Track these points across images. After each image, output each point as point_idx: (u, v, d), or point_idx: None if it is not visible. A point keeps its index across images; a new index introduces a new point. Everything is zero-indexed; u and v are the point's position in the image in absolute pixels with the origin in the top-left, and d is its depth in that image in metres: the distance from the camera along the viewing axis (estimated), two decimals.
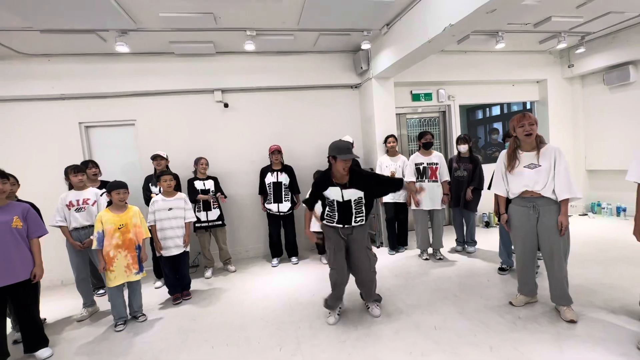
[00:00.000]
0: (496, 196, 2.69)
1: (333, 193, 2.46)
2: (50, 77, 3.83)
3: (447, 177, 3.77)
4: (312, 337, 2.41)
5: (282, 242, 4.26)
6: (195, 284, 3.65)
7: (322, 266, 3.95)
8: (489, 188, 3.42)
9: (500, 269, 3.30)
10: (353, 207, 2.46)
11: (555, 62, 5.47)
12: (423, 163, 3.79)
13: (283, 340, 2.40)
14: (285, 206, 4.05)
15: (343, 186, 2.44)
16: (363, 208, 2.51)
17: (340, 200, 2.45)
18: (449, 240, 4.22)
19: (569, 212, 2.34)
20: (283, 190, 4.04)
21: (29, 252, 2.43)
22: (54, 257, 3.06)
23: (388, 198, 4.16)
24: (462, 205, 3.88)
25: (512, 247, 3.34)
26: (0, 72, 3.72)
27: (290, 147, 4.48)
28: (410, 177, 3.85)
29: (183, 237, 3.22)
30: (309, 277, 3.66)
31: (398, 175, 4.14)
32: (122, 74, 4.01)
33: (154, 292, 3.53)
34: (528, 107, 5.96)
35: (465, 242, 4.06)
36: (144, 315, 2.96)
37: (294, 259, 4.18)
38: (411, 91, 5.12)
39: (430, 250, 3.99)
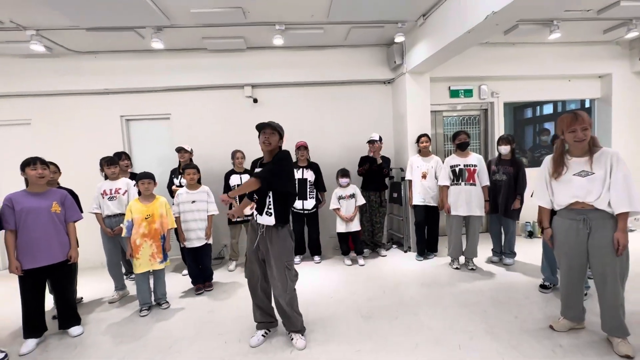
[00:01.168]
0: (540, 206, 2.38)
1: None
2: (96, 73, 4.10)
3: (487, 182, 3.44)
4: (325, 342, 2.31)
5: (305, 240, 4.20)
6: (218, 276, 3.72)
7: (345, 267, 3.83)
8: (532, 195, 3.07)
9: (542, 287, 2.94)
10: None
11: (623, 54, 4.78)
12: (459, 165, 3.50)
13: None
14: (309, 204, 3.98)
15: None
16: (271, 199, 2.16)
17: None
18: (484, 249, 3.87)
19: (630, 227, 1.99)
20: (308, 187, 3.97)
21: (66, 235, 2.60)
22: (98, 240, 3.26)
23: (418, 200, 3.93)
24: (501, 212, 3.53)
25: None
26: (54, 68, 4.05)
27: (317, 144, 4.39)
28: (444, 180, 3.59)
29: (205, 230, 3.29)
30: (330, 277, 3.57)
31: (430, 177, 3.88)
32: (158, 70, 4.18)
33: (180, 281, 3.65)
34: (587, 105, 5.30)
35: (503, 252, 3.70)
36: (167, 302, 3.06)
37: (316, 258, 4.11)
38: (449, 87, 4.77)
39: (462, 259, 3.69)
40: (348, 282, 3.38)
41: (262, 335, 2.37)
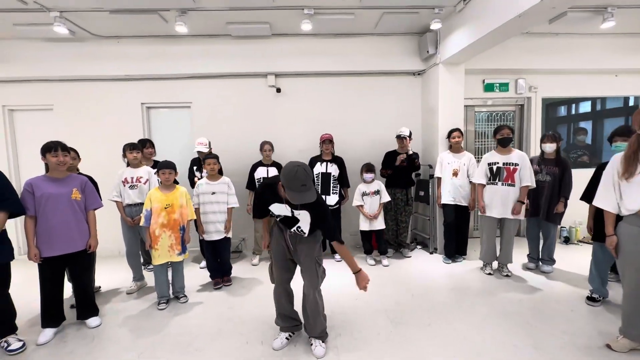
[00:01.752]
0: (593, 209, 2.13)
1: (278, 209, 2.01)
2: (118, 59, 4.01)
3: (528, 182, 3.12)
4: (353, 349, 2.15)
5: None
6: (238, 270, 3.60)
7: (368, 267, 3.64)
8: (581, 198, 2.80)
9: (590, 299, 2.68)
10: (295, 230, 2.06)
11: None
12: (498, 163, 3.24)
13: None
14: (332, 199, 3.80)
15: (290, 205, 1.98)
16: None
17: (290, 215, 2.01)
18: (519, 254, 3.60)
19: None
20: (332, 182, 3.79)
21: (86, 223, 2.51)
22: (117, 229, 3.19)
23: (448, 199, 3.70)
24: (542, 216, 3.26)
25: (608, 273, 2.73)
26: (76, 52, 3.98)
27: (341, 137, 4.18)
28: (480, 178, 3.34)
29: (224, 223, 3.16)
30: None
31: (462, 175, 3.63)
32: (181, 56, 4.06)
33: (197, 274, 3.55)
34: (631, 103, 4.90)
35: (541, 259, 3.43)
36: (185, 296, 2.96)
37: (337, 256, 3.92)
38: (483, 80, 4.48)
39: (494, 264, 3.45)
40: (373, 283, 3.14)
41: (286, 338, 2.23)
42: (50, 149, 2.35)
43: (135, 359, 2.11)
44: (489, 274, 3.34)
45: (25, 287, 2.82)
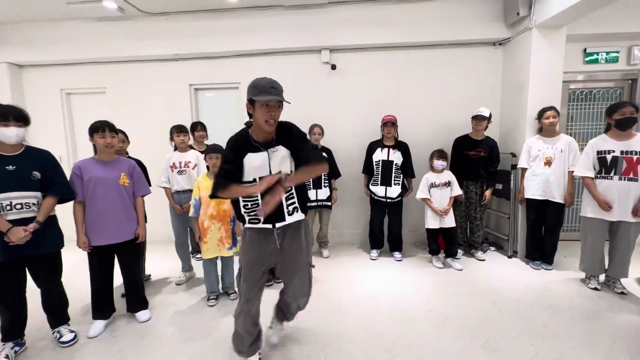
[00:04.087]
0: None
1: (256, 163, 1.57)
2: (166, 37, 3.81)
3: None
4: None
5: (384, 233, 3.59)
6: None
7: (435, 271, 3.15)
8: None
9: None
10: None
11: None
12: (613, 151, 2.54)
13: None
14: (394, 191, 3.33)
15: (268, 146, 1.58)
16: (293, 189, 1.64)
17: (267, 173, 1.56)
18: (635, 268, 2.86)
19: None
20: (394, 171, 3.31)
21: (134, 211, 2.33)
22: (164, 216, 3.05)
23: (536, 193, 3.06)
24: None
25: None
26: (125, 31, 3.84)
27: (403, 120, 3.62)
28: (586, 170, 2.66)
29: None
30: (420, 282, 2.93)
31: (558, 164, 2.96)
32: (230, 32, 3.74)
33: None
34: None
35: None
36: (235, 292, 2.72)
37: (397, 255, 3.48)
38: (584, 49, 3.64)
39: (601, 277, 2.78)
40: (445, 291, 2.72)
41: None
42: (98, 129, 2.16)
43: None
44: (595, 288, 2.70)
45: (74, 275, 2.74)
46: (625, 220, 2.53)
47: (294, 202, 1.66)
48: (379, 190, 3.37)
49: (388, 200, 3.36)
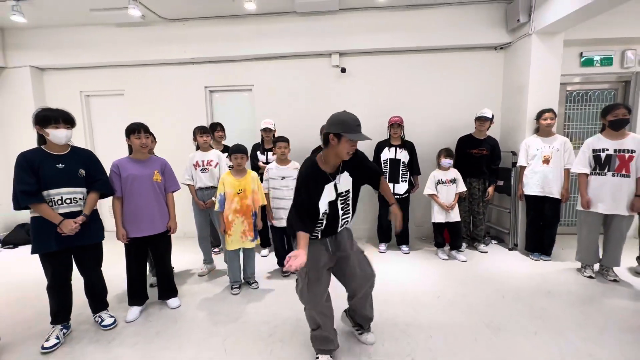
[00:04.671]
0: None
1: (328, 193, 1.70)
2: (184, 42, 4.00)
3: None
4: (452, 356, 1.92)
5: (392, 228, 3.80)
6: None
7: (441, 262, 3.36)
8: None
9: None
10: (339, 205, 1.77)
11: None
12: (607, 149, 2.75)
13: (413, 350, 1.97)
14: (401, 187, 3.53)
15: (334, 176, 1.72)
16: (350, 201, 1.84)
17: (334, 198, 1.73)
18: (627, 257, 3.07)
19: None
20: (401, 168, 3.51)
21: (165, 205, 2.52)
22: (183, 210, 3.23)
23: (535, 189, 3.26)
24: None
25: None
26: (144, 36, 4.03)
27: (409, 121, 3.82)
28: (582, 167, 2.87)
29: None
30: (427, 271, 3.14)
31: (555, 162, 3.17)
32: (244, 37, 3.94)
33: (260, 260, 3.50)
34: None
35: None
36: (256, 282, 2.92)
37: (404, 248, 3.69)
38: (581, 53, 3.85)
39: (596, 266, 3.00)
40: (453, 281, 2.92)
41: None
42: (134, 130, 2.35)
43: (220, 344, 2.08)
44: (590, 277, 2.91)
45: (113, 262, 2.92)
46: (618, 213, 2.74)
47: (347, 218, 1.84)
48: None
49: (396, 196, 3.55)
